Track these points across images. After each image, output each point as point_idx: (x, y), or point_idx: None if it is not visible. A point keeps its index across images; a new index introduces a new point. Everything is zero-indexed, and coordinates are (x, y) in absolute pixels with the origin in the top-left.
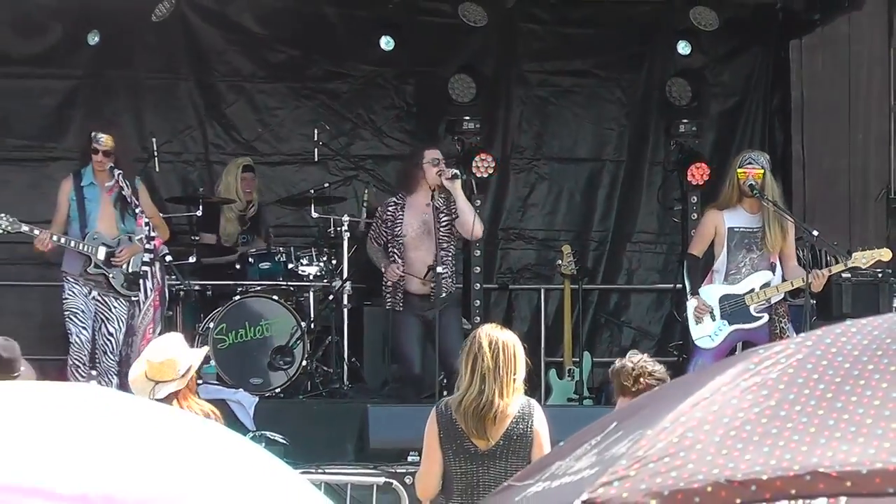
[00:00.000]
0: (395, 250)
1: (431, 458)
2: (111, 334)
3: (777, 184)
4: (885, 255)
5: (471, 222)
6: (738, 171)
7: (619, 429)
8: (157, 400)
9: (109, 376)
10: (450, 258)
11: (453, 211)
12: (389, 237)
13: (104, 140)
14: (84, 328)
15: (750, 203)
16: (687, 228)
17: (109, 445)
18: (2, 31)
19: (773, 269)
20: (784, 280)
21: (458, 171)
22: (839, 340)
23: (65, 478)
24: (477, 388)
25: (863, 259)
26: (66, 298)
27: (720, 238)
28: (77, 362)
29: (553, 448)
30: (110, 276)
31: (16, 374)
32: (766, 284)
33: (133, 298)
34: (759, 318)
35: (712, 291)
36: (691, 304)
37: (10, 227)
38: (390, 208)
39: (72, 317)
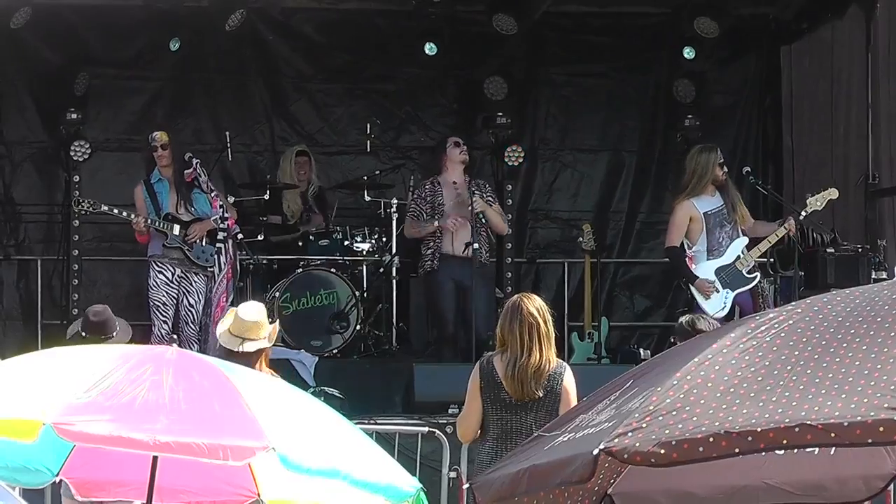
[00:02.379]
0: (438, 219)
1: (472, 405)
2: (192, 305)
3: (766, 168)
4: (833, 193)
5: (502, 227)
6: (716, 167)
7: (634, 386)
8: (244, 352)
9: (191, 343)
10: (484, 230)
11: (484, 191)
12: (430, 209)
13: (159, 136)
14: (165, 321)
15: (709, 188)
16: None
17: (180, 403)
18: (97, 39)
19: (744, 234)
20: (757, 236)
21: (477, 209)
22: (825, 308)
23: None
24: (537, 351)
25: (817, 202)
26: (151, 288)
27: (696, 224)
28: None
29: (578, 403)
30: (186, 249)
31: (109, 336)
32: (746, 248)
33: (209, 270)
34: (753, 277)
35: (707, 268)
36: (695, 289)
37: (91, 208)
38: (427, 186)
39: (155, 310)
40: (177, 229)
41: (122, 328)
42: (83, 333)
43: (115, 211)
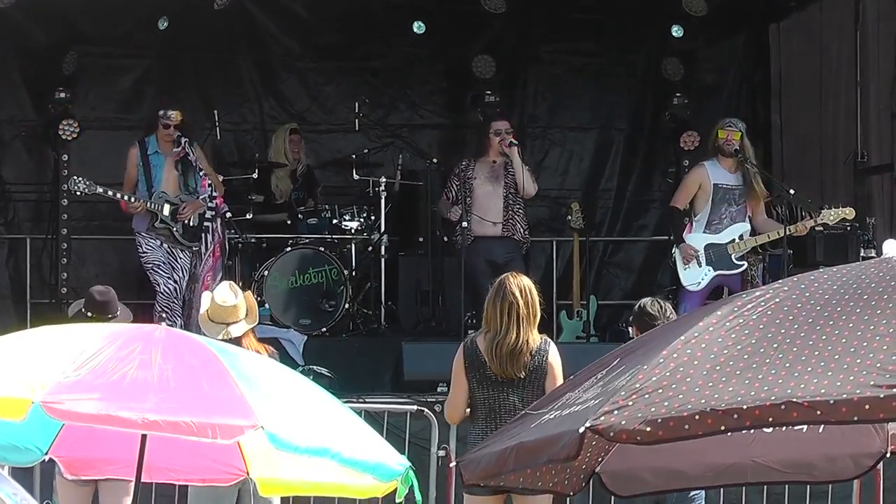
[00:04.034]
0: (470, 192)
1: (458, 386)
2: (176, 281)
3: (755, 148)
4: (848, 213)
5: (521, 181)
6: (719, 131)
7: (620, 364)
8: (234, 338)
9: (175, 318)
10: (519, 206)
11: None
12: (460, 185)
13: (174, 115)
14: (169, 278)
15: (729, 162)
16: None
17: (171, 381)
18: (85, 17)
19: (748, 221)
20: (757, 231)
21: (515, 141)
22: (812, 286)
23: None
24: (514, 331)
25: (830, 216)
26: (145, 252)
27: (704, 193)
28: (166, 309)
29: (565, 381)
30: (174, 229)
31: (111, 316)
32: (743, 235)
33: (194, 248)
34: (740, 265)
35: (698, 240)
36: (677, 251)
37: (87, 189)
38: (463, 163)
39: (155, 269)
40: (167, 209)
41: (123, 311)
42: (88, 314)
43: (111, 193)
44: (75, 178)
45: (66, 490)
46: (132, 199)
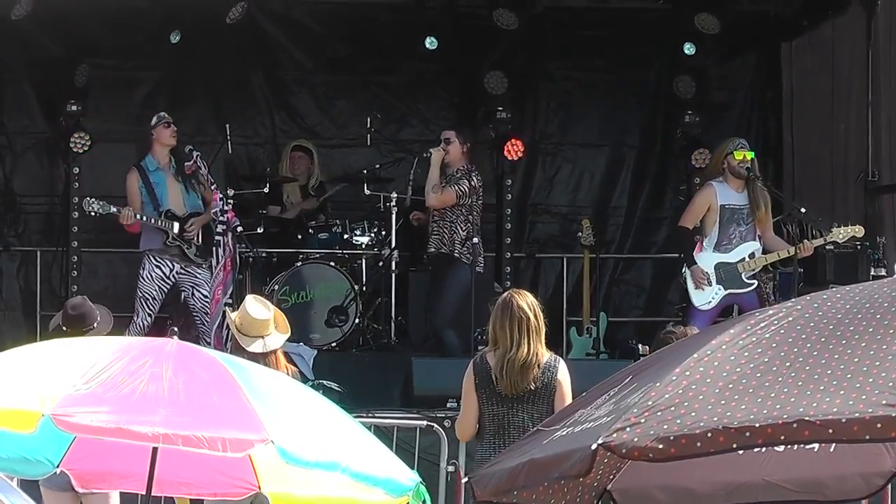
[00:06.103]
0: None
1: (468, 403)
2: (205, 296)
3: (766, 166)
4: (858, 231)
5: (427, 196)
6: (735, 152)
7: (633, 381)
8: (267, 352)
9: (208, 338)
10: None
11: (460, 175)
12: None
13: (164, 115)
14: (150, 314)
15: (738, 182)
16: None
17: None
18: (98, 30)
19: (758, 240)
20: (766, 249)
21: (437, 149)
22: (825, 305)
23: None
24: (525, 345)
25: (840, 234)
26: (144, 280)
27: (712, 214)
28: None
29: (577, 398)
30: (185, 247)
31: (90, 327)
32: (754, 254)
33: (205, 265)
34: (750, 284)
35: (708, 260)
36: (688, 272)
37: (101, 210)
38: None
39: (143, 301)
40: (175, 227)
41: (103, 318)
42: (63, 328)
43: (114, 209)
44: (89, 199)
45: (49, 499)
46: (140, 217)
